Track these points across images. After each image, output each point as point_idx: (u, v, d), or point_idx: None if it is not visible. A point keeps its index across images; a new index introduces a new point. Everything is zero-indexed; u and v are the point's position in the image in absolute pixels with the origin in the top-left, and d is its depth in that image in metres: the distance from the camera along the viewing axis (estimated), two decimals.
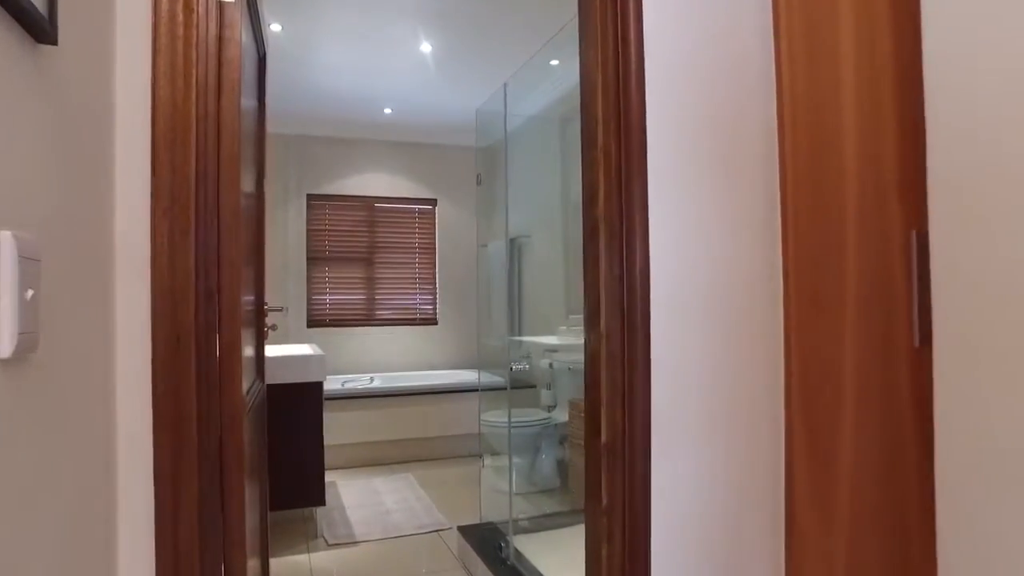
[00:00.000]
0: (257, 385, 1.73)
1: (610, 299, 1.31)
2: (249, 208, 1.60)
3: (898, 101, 1.16)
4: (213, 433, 1.04)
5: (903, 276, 1.16)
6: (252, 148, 1.70)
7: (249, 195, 1.61)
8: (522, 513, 2.93)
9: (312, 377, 2.76)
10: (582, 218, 1.41)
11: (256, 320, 1.75)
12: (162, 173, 0.97)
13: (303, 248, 4.73)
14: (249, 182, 1.61)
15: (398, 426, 4.06)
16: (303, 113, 4.52)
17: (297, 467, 2.74)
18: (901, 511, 1.14)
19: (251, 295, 1.66)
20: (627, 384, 1.29)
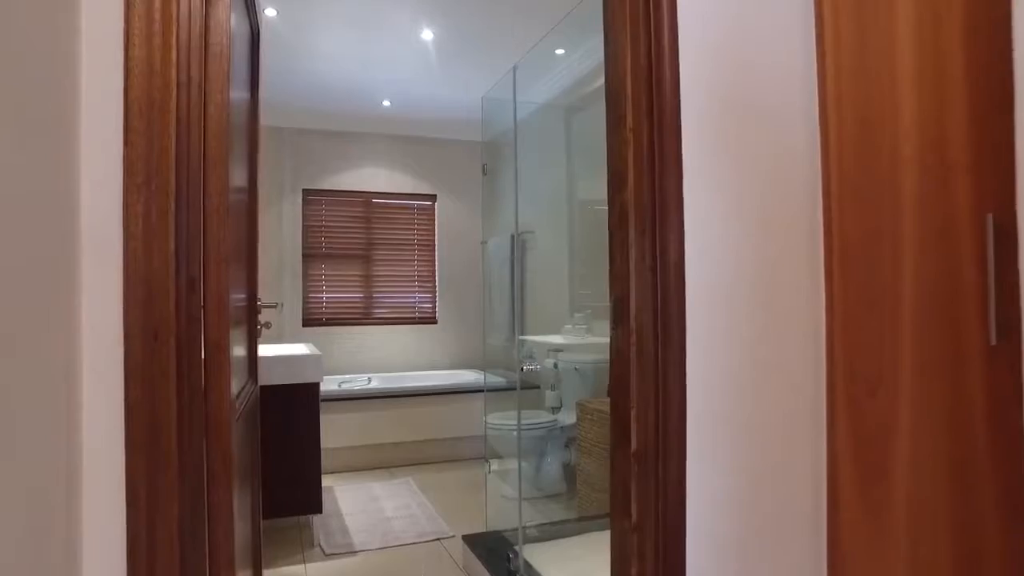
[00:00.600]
0: (249, 387, 1.59)
1: (641, 291, 1.18)
2: (241, 202, 1.47)
3: (969, 70, 1.03)
4: (197, 445, 0.90)
5: (973, 265, 1.03)
6: (244, 140, 1.57)
7: (241, 189, 1.48)
8: (529, 520, 2.80)
9: (308, 378, 2.63)
10: (608, 204, 1.28)
11: (248, 317, 1.61)
12: (137, 143, 0.84)
13: (298, 245, 4.59)
14: (241, 175, 1.48)
15: (397, 428, 3.93)
16: (299, 105, 4.38)
17: (292, 473, 2.60)
18: (974, 532, 1.01)
19: (243, 291, 1.53)
20: (661, 385, 1.16)
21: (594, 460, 2.81)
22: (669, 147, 1.17)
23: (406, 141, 4.87)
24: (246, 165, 1.59)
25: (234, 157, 1.29)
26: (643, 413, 1.17)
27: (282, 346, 3.11)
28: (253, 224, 1.73)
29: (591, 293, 3.52)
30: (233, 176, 1.31)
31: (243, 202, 1.53)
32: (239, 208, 1.45)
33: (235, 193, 1.36)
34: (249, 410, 1.57)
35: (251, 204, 1.68)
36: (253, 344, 1.67)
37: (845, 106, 1.18)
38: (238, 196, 1.42)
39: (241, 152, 1.49)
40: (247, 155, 1.63)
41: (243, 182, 1.52)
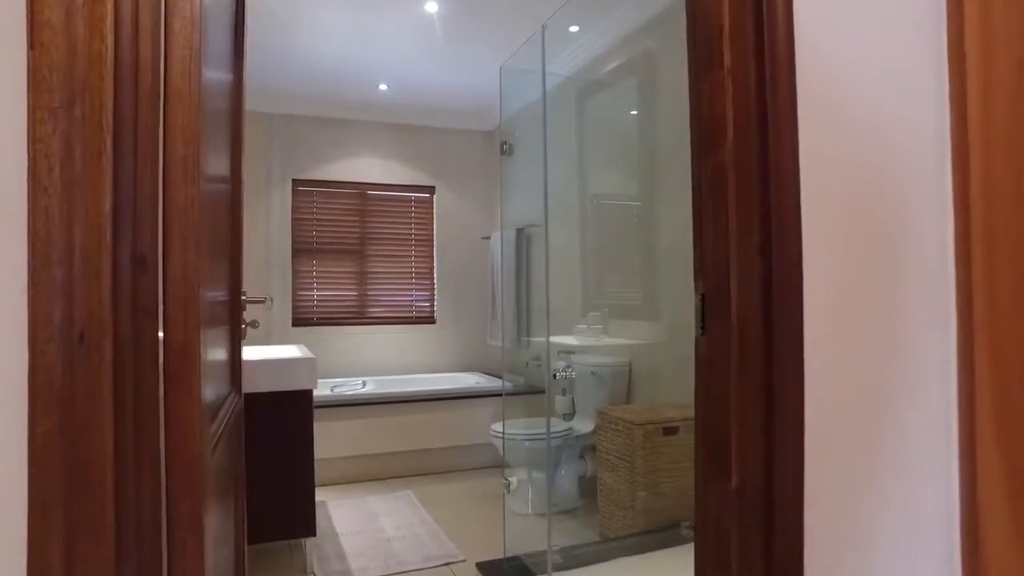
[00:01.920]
0: (232, 399, 1.30)
1: (745, 280, 0.90)
2: (223, 192, 1.20)
3: None
4: (149, 498, 0.62)
5: None
6: (227, 125, 1.29)
7: (223, 178, 1.21)
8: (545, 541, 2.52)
9: (300, 384, 2.33)
10: (695, 167, 1.01)
11: (231, 316, 1.32)
12: (50, 44, 0.55)
13: (288, 239, 4.28)
14: (222, 162, 1.20)
15: (394, 437, 3.63)
16: (289, 89, 4.07)
17: (282, 492, 2.31)
18: None
19: (225, 286, 1.24)
20: (773, 400, 0.88)
21: (618, 475, 2.54)
22: (783, 90, 0.89)
23: (403, 129, 4.57)
24: (228, 152, 1.31)
25: (214, 141, 1.03)
26: (748, 439, 0.90)
27: (271, 348, 2.81)
28: (237, 215, 1.45)
29: (607, 290, 3.25)
30: (212, 162, 1.03)
31: (225, 191, 1.26)
32: (220, 197, 1.18)
33: (216, 182, 1.10)
34: (232, 426, 1.28)
35: (234, 194, 1.40)
36: (237, 347, 1.38)
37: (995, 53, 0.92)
38: (219, 185, 1.15)
39: (223, 137, 1.21)
40: (230, 141, 1.35)
41: (224, 170, 1.24)
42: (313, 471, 2.38)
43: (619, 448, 2.55)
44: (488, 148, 4.80)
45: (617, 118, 3.29)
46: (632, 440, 2.46)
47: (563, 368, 2.19)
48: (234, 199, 1.41)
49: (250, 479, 2.14)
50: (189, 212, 0.73)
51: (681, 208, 2.87)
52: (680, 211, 2.88)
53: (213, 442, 1.02)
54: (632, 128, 3.13)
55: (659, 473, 2.47)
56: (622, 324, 3.14)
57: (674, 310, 2.82)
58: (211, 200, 1.03)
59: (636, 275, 3.13)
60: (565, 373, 2.16)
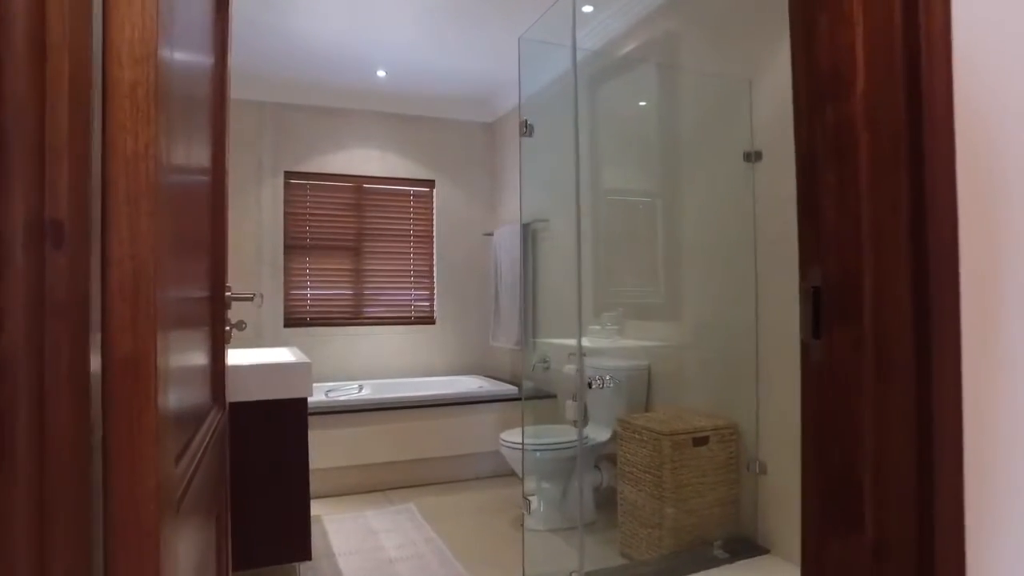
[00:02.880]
0: (214, 415, 1.08)
1: (887, 266, 0.69)
2: (202, 183, 0.98)
3: None
4: None
5: None
6: (207, 113, 1.08)
7: (202, 169, 0.99)
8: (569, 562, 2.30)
9: (294, 392, 2.11)
10: (797, 129, 0.79)
11: (213, 317, 1.10)
12: None
13: (280, 234, 4.04)
14: (202, 152, 0.99)
15: (394, 445, 3.40)
16: (281, 76, 3.84)
17: (274, 513, 2.08)
18: None
19: (204, 283, 1.01)
20: (927, 426, 0.67)
21: (642, 490, 2.33)
22: (935, 24, 0.68)
23: (402, 120, 4.34)
24: (209, 141, 1.09)
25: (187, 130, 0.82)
26: (891, 476, 0.68)
27: (261, 351, 2.58)
28: (220, 208, 1.23)
29: (623, 288, 3.03)
30: (187, 152, 0.83)
31: (205, 183, 1.04)
32: (198, 189, 0.96)
33: (192, 173, 0.89)
34: (214, 445, 1.06)
35: (217, 185, 1.19)
36: (220, 351, 1.16)
37: None
38: (197, 177, 0.93)
39: (201, 125, 0.99)
40: (211, 130, 1.14)
41: (204, 160, 1.02)
42: (308, 488, 2.15)
43: (643, 460, 2.33)
44: (490, 140, 4.58)
45: (633, 104, 3.07)
46: (659, 452, 2.24)
47: (598, 376, 1.97)
48: (216, 191, 1.19)
49: (237, 499, 1.92)
50: (148, 175, 0.51)
51: (705, 199, 2.68)
52: (704, 202, 2.69)
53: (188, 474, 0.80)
54: (650, 115, 2.92)
55: (688, 488, 2.26)
56: (640, 325, 2.93)
57: (697, 309, 2.62)
58: (186, 191, 0.82)
59: (654, 272, 2.92)
60: (603, 381, 1.94)
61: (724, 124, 2.45)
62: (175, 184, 0.71)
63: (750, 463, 2.32)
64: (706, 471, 2.30)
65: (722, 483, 2.33)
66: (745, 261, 2.35)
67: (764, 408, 2.29)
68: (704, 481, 2.30)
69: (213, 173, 1.19)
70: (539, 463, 2.74)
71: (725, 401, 2.44)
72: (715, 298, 2.52)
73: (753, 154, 2.32)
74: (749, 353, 2.33)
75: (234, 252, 4.02)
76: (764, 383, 2.28)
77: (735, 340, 2.40)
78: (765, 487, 2.28)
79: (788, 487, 2.18)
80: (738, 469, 2.36)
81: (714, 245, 2.51)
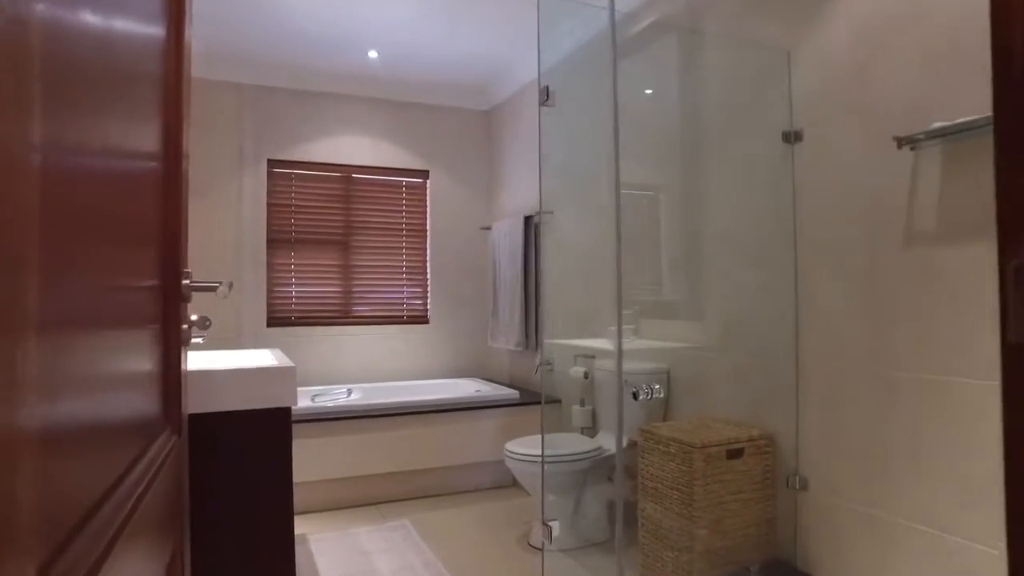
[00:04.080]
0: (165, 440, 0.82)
1: None
2: (149, 170, 0.73)
3: None
4: None
5: None
6: (153, 90, 0.83)
7: (145, 153, 0.74)
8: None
9: (275, 400, 1.83)
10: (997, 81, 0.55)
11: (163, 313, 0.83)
12: None
13: (262, 227, 3.76)
14: (147, 134, 0.74)
15: (386, 455, 3.13)
16: (264, 56, 3.55)
17: (251, 534, 1.80)
18: None
19: (150, 272, 0.75)
20: None
21: (668, 508, 2.08)
22: None
23: (394, 106, 4.07)
24: (158, 122, 0.83)
25: (116, 108, 0.58)
26: None
27: (240, 353, 2.30)
28: (175, 194, 0.97)
29: (641, 285, 2.79)
30: (120, 133, 0.58)
31: (152, 168, 0.78)
32: (140, 174, 0.71)
33: (131, 157, 0.65)
34: (165, 474, 0.80)
35: (171, 170, 0.93)
36: (173, 356, 0.89)
37: None
38: (138, 160, 0.68)
39: (146, 105, 0.74)
40: (163, 111, 0.88)
41: (151, 143, 0.76)
42: (291, 507, 1.88)
43: (670, 475, 2.09)
44: (487, 129, 4.32)
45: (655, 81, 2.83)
46: (690, 466, 2.00)
47: (645, 385, 1.70)
48: (170, 176, 0.94)
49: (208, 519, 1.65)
50: None
51: (735, 184, 2.43)
52: (734, 188, 2.46)
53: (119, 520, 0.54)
54: (674, 92, 2.68)
55: (722, 507, 2.02)
56: (657, 324, 2.68)
57: (724, 307, 2.37)
58: (112, 176, 0.58)
59: (674, 266, 2.68)
60: (651, 390, 1.68)
61: (759, 101, 2.21)
62: (85, 168, 0.48)
63: (789, 478, 2.08)
64: (741, 487, 2.06)
65: (757, 500, 2.10)
66: (782, 253, 2.12)
67: (805, 417, 2.05)
68: (739, 498, 2.06)
69: (166, 157, 0.94)
70: (548, 477, 2.48)
71: (759, 409, 2.20)
72: (746, 294, 2.28)
73: (793, 134, 2.09)
74: (787, 355, 2.10)
75: (212, 246, 3.74)
76: (805, 389, 2.05)
77: (770, 340, 2.16)
78: (806, 505, 2.05)
79: (833, 504, 1.94)
80: (774, 484, 2.13)
81: (745, 235, 2.27)
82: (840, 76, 1.91)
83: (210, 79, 3.61)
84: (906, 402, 1.72)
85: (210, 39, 3.34)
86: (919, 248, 1.69)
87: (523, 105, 3.84)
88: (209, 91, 3.62)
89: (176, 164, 0.97)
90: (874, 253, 1.81)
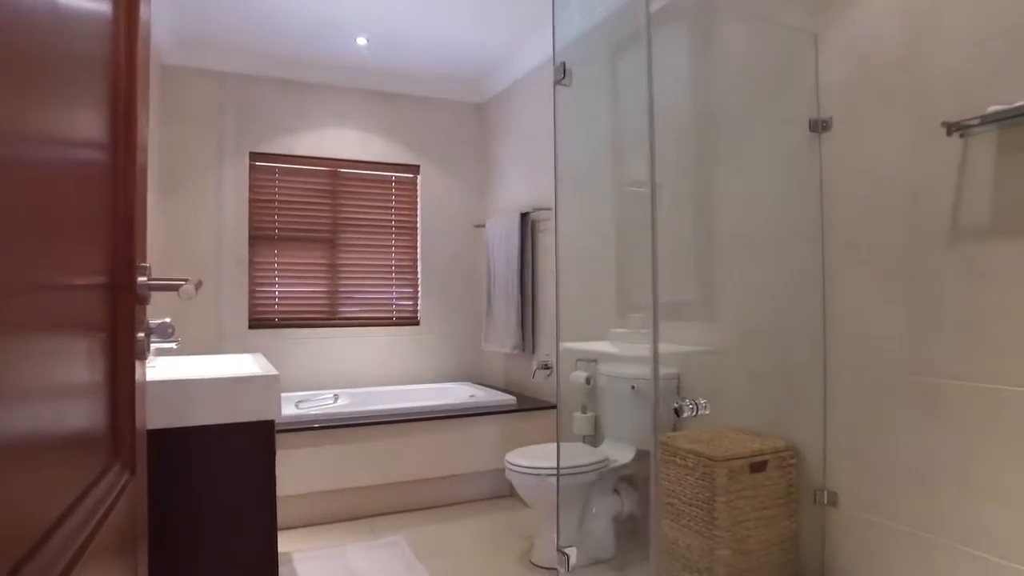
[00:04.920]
0: (113, 477, 0.64)
1: None
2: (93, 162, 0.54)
3: None
4: None
5: None
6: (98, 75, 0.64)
7: (88, 141, 0.55)
8: None
9: (258, 412, 1.65)
10: None
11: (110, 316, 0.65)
12: None
13: (243, 224, 3.55)
14: (88, 122, 0.55)
15: (378, 465, 2.95)
16: (244, 42, 3.35)
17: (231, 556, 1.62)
18: None
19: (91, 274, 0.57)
20: None
21: (686, 526, 1.92)
22: None
23: (384, 97, 3.88)
24: (107, 109, 0.65)
25: (45, 92, 0.39)
26: None
27: (219, 359, 2.11)
28: (128, 186, 0.80)
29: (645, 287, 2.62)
30: (53, 119, 0.40)
31: (97, 158, 0.60)
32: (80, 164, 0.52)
33: (66, 145, 0.45)
34: (111, 524, 0.62)
35: (122, 160, 0.76)
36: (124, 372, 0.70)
37: None
38: (76, 150, 0.49)
39: (87, 91, 0.55)
40: (111, 97, 0.69)
41: (96, 132, 0.58)
42: (275, 525, 1.69)
43: (688, 490, 1.93)
44: (481, 123, 4.15)
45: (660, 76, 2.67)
46: (711, 481, 1.84)
47: (689, 401, 1.53)
48: (122, 166, 0.76)
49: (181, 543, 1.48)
50: None
51: (755, 176, 2.26)
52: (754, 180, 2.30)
53: None
54: (681, 86, 2.52)
55: (745, 525, 1.86)
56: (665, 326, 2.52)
57: (741, 308, 2.22)
58: (36, 166, 0.39)
59: (686, 266, 2.52)
60: (695, 406, 1.51)
61: (782, 88, 2.06)
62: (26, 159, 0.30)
63: (817, 493, 1.93)
64: (765, 503, 1.91)
65: (782, 517, 1.94)
66: (807, 251, 1.97)
67: (833, 426, 1.90)
68: (762, 515, 1.91)
69: (116, 146, 0.76)
70: (547, 489, 2.31)
71: (780, 418, 2.05)
72: (766, 295, 2.13)
73: (820, 122, 1.94)
74: (813, 360, 1.95)
75: (190, 243, 3.52)
76: (833, 396, 1.90)
77: (794, 345, 2.01)
78: (835, 521, 1.90)
79: (867, 522, 1.80)
80: (798, 500, 1.98)
81: (765, 232, 2.12)
82: (877, 59, 1.76)
83: (187, 66, 3.40)
84: (952, 412, 1.58)
85: (186, 23, 3.13)
86: (967, 244, 1.55)
87: (519, 98, 3.68)
88: (186, 79, 3.41)
89: (130, 154, 0.80)
90: (914, 250, 1.67)
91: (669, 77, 2.60)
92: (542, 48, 3.34)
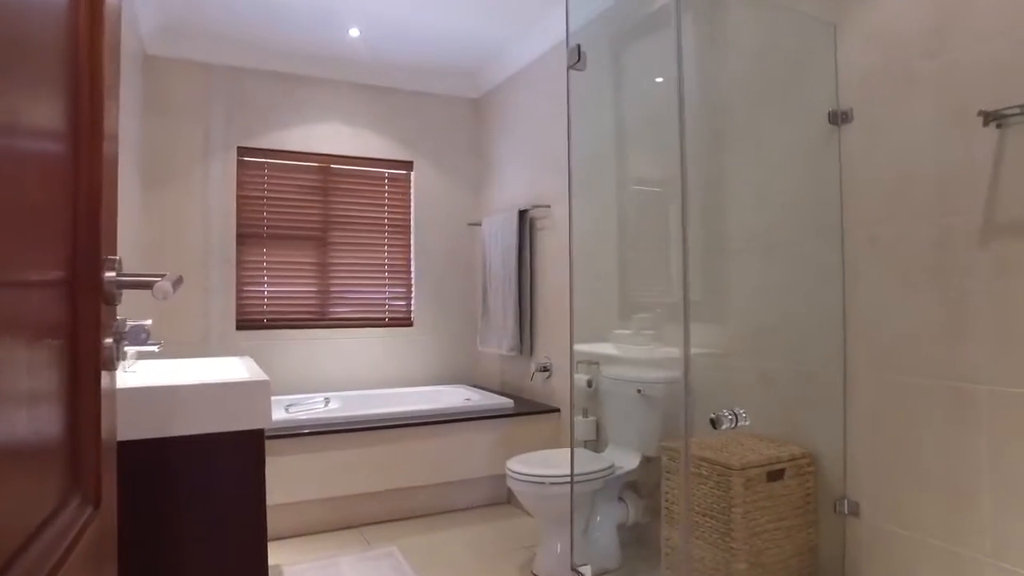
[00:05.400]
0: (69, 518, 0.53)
1: None
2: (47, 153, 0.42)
3: None
4: None
5: None
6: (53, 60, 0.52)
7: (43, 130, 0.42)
8: None
9: (246, 421, 1.53)
10: None
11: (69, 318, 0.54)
12: None
13: (231, 221, 3.42)
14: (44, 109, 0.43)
15: (370, 472, 2.83)
16: (232, 33, 3.22)
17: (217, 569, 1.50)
18: None
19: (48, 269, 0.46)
20: None
21: (699, 538, 1.83)
22: None
23: (377, 91, 3.77)
24: (66, 97, 0.52)
25: None
26: None
27: (205, 363, 1.99)
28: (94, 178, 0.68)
29: (653, 286, 2.54)
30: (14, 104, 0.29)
31: (54, 149, 0.46)
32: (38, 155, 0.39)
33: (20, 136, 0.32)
34: (81, 563, 0.51)
35: (86, 151, 0.63)
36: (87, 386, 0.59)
37: None
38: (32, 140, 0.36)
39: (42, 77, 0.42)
40: (71, 84, 0.57)
41: (53, 120, 0.45)
42: (265, 536, 1.58)
43: (702, 499, 1.83)
44: (477, 118, 4.04)
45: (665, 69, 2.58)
46: (727, 490, 1.75)
47: (728, 412, 1.44)
48: (86, 157, 0.65)
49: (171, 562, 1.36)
50: None
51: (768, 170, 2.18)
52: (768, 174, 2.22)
53: None
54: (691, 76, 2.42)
55: (762, 536, 1.77)
56: (672, 328, 2.43)
57: (752, 308, 2.13)
58: None
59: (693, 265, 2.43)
60: (734, 417, 1.42)
61: (798, 78, 1.97)
62: None
63: (837, 502, 1.84)
64: (783, 513, 1.82)
65: (799, 527, 1.86)
66: (826, 249, 1.88)
67: (853, 433, 1.82)
68: (780, 526, 1.81)
69: (77, 134, 0.65)
70: (551, 498, 2.22)
71: (796, 423, 1.96)
72: (780, 294, 2.04)
73: (840, 114, 1.85)
74: (832, 363, 1.86)
75: (175, 241, 3.39)
76: (854, 401, 1.81)
77: (810, 347, 1.92)
78: (857, 532, 1.81)
79: (892, 533, 1.71)
80: (816, 510, 1.89)
81: (780, 229, 2.03)
82: (902, 48, 1.68)
83: (172, 57, 3.27)
84: (984, 417, 1.50)
85: (170, 12, 3.00)
86: (1001, 240, 1.46)
87: (516, 92, 3.57)
88: (171, 70, 3.27)
89: (95, 142, 0.70)
90: (941, 247, 1.58)
91: (676, 70, 2.50)
92: (540, 41, 3.24)
